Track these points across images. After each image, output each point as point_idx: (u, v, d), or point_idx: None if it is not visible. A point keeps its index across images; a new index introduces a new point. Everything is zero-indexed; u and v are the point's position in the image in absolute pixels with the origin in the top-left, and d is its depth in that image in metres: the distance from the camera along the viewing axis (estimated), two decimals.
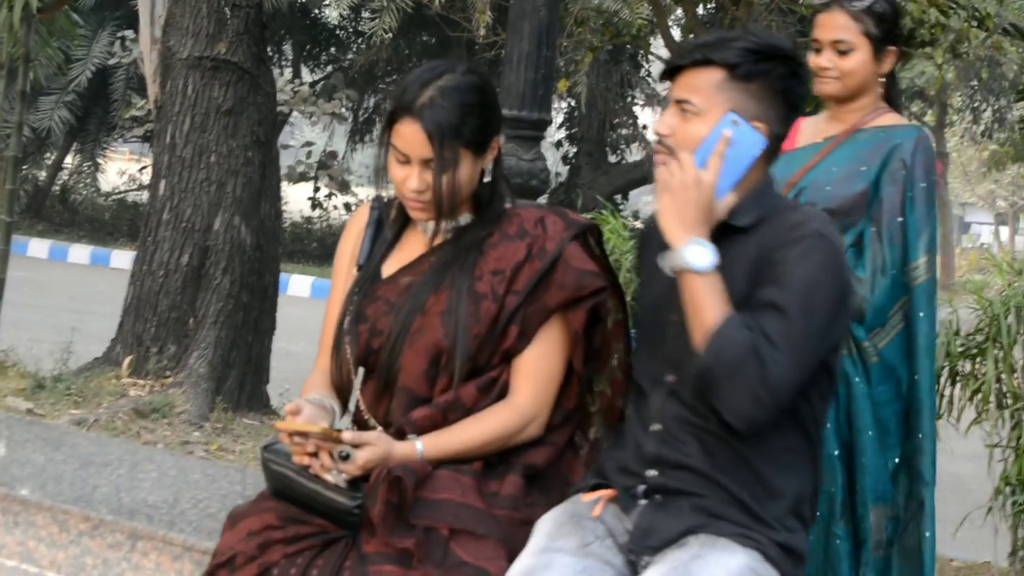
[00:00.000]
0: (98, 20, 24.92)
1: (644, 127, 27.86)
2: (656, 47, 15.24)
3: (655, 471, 3.26)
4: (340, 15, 29.38)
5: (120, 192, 32.07)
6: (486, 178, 3.50)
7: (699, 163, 3.17)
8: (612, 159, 28.41)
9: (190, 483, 4.58)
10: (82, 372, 9.34)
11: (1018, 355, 6.29)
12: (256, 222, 9.35)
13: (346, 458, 3.25)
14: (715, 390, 3.08)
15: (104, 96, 25.37)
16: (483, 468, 3.37)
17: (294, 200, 27.17)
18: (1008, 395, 6.34)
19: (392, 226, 3.62)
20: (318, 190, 27.22)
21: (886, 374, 4.29)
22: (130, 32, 23.12)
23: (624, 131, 28.43)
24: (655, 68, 23.33)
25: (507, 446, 3.42)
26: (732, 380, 3.03)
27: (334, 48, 30.69)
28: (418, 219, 3.49)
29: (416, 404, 3.41)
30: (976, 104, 36.78)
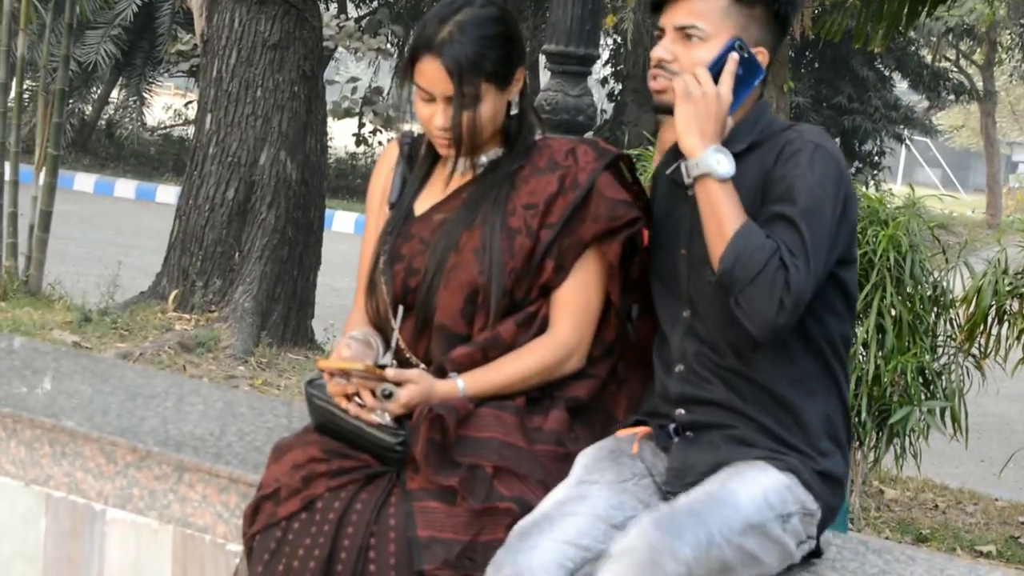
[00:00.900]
0: None
1: None
2: None
3: (683, 409, 3.28)
4: None
5: (166, 127, 32.14)
6: (513, 110, 3.47)
7: None
8: None
9: (236, 416, 4.59)
10: (128, 306, 9.41)
11: None
12: (302, 157, 9.37)
13: (389, 396, 3.25)
14: (736, 295, 3.07)
15: (150, 30, 25.36)
16: (526, 403, 3.37)
17: (339, 136, 27.15)
18: None
19: (422, 162, 3.60)
20: (363, 126, 27.18)
21: None
22: None
23: None
24: None
25: (548, 380, 3.41)
26: (755, 283, 3.02)
27: None
28: (447, 156, 3.47)
29: (455, 342, 3.41)
30: None
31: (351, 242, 16.36)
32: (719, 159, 3.09)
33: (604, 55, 27.99)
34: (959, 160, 62.73)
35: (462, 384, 3.34)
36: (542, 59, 6.12)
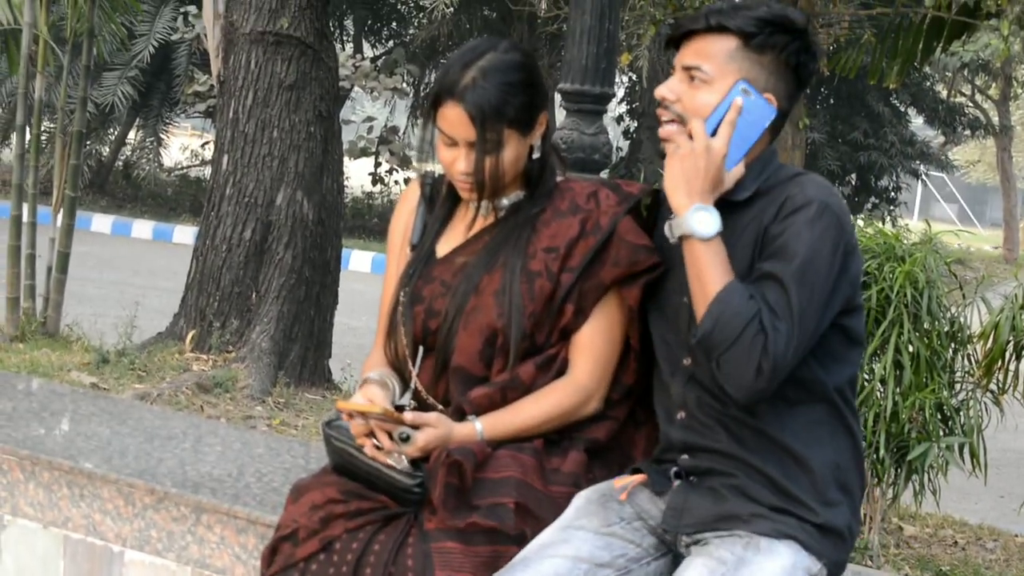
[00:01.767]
0: None
1: None
2: None
3: (686, 455, 3.27)
4: None
5: (182, 168, 32.23)
6: (535, 154, 3.47)
7: (708, 131, 3.15)
8: None
9: (254, 457, 4.60)
10: (145, 347, 9.41)
11: None
12: (318, 197, 9.38)
13: (406, 439, 3.25)
14: (716, 358, 3.06)
15: (167, 71, 25.46)
16: (544, 445, 3.36)
17: (355, 175, 27.18)
18: None
19: (443, 203, 3.60)
20: (379, 165, 27.19)
21: None
22: (193, 7, 23.19)
23: None
24: None
25: (567, 423, 3.40)
26: (733, 348, 3.01)
27: (395, 23, 30.70)
28: (469, 199, 3.47)
29: (472, 384, 3.40)
30: None
31: (368, 281, 16.41)
32: (701, 218, 3.07)
33: (619, 93, 28.04)
34: (975, 195, 62.71)
35: (480, 427, 3.34)
36: (557, 97, 6.12)
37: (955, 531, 7.67)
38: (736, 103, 3.15)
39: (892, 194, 30.47)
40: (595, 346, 3.41)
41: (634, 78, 27.05)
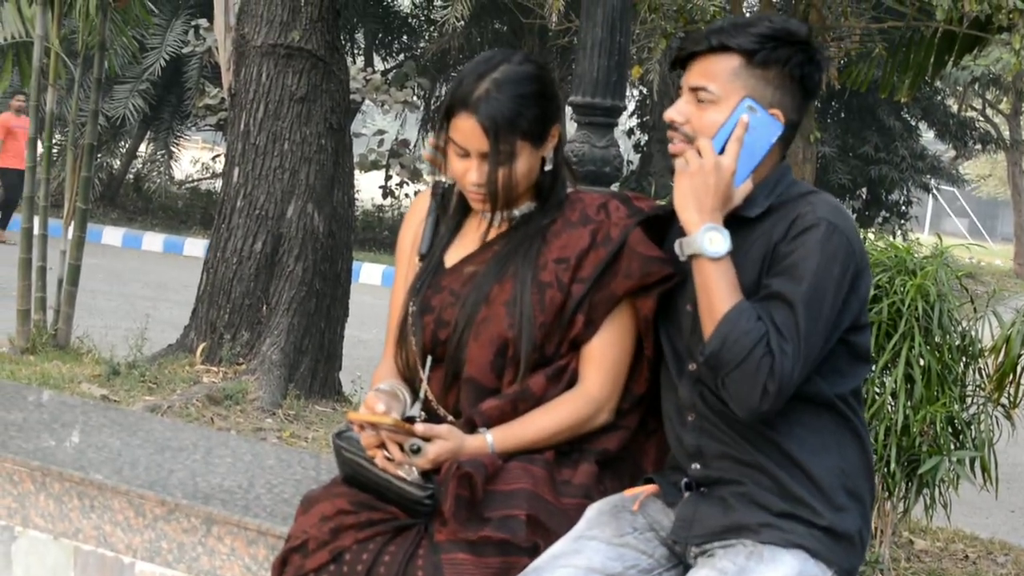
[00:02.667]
0: (172, 9, 25.09)
1: None
2: None
3: (697, 464, 3.26)
4: (412, 3, 29.48)
5: (193, 180, 32.31)
6: (547, 166, 3.47)
7: (716, 149, 3.15)
8: None
9: (264, 468, 4.60)
10: (156, 359, 9.42)
11: None
12: (329, 209, 9.38)
13: (417, 451, 3.24)
14: (722, 378, 3.07)
15: (178, 84, 25.54)
16: (555, 457, 3.36)
17: (366, 188, 27.25)
18: None
19: (454, 213, 3.60)
20: (390, 178, 27.24)
21: None
22: (204, 21, 23.27)
23: None
24: None
25: (578, 434, 3.40)
26: (740, 368, 3.02)
27: (406, 36, 30.75)
28: (480, 210, 3.48)
29: (483, 395, 3.40)
30: None
31: (378, 294, 16.42)
32: (711, 238, 3.08)
33: (630, 106, 28.07)
34: (986, 209, 62.68)
35: (491, 439, 3.33)
36: (568, 110, 6.13)
37: (966, 545, 7.65)
38: (742, 120, 3.15)
39: (903, 208, 30.49)
40: (606, 357, 3.41)
41: (645, 91, 27.11)
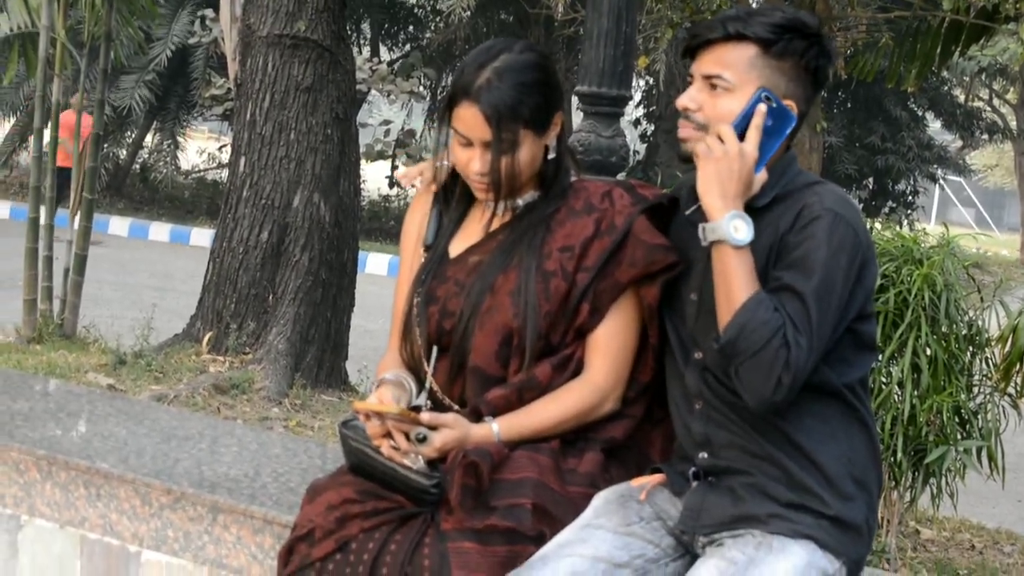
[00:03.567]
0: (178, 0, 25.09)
1: None
2: None
3: (705, 452, 3.26)
4: None
5: (199, 170, 32.32)
6: (550, 155, 3.46)
7: None
8: None
9: (271, 457, 4.60)
10: (162, 348, 9.43)
11: None
12: (335, 199, 9.39)
13: (423, 440, 3.24)
14: (736, 367, 3.06)
15: (184, 75, 25.53)
16: (561, 445, 3.36)
17: (372, 178, 27.22)
18: None
19: (458, 204, 3.59)
20: (396, 168, 27.23)
21: None
22: (210, 11, 23.26)
23: None
24: None
25: (584, 423, 3.39)
26: (755, 358, 3.01)
27: (412, 27, 30.74)
28: (484, 199, 3.47)
29: (489, 384, 3.40)
30: None
31: (384, 284, 16.40)
32: (737, 226, 3.06)
33: (636, 96, 28.04)
34: (993, 199, 62.57)
35: (497, 428, 3.33)
36: (574, 100, 6.12)
37: (972, 535, 7.65)
38: (760, 109, 3.14)
39: (909, 198, 30.46)
40: (611, 346, 3.40)
41: (651, 81, 27.08)
